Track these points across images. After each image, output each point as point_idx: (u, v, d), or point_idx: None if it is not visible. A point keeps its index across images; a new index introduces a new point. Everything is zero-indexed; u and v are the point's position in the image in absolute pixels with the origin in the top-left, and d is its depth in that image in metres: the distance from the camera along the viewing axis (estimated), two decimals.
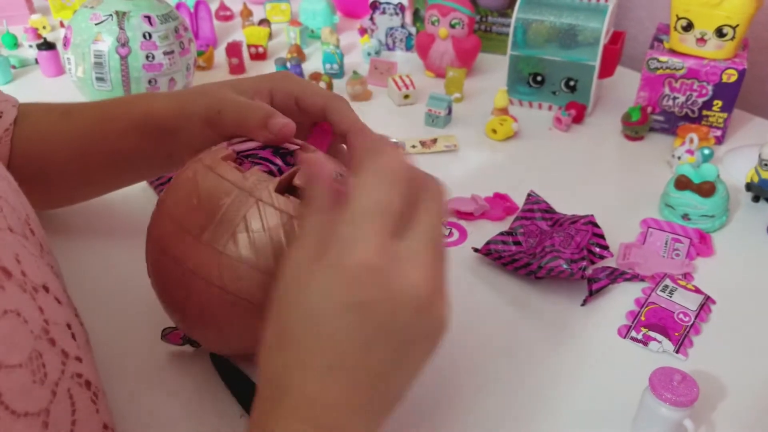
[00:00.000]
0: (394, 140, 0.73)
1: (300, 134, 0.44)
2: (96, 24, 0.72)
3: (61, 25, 1.03)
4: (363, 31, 0.98)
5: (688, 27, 0.68)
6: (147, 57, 0.73)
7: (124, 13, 0.73)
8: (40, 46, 0.91)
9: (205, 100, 0.44)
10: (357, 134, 0.42)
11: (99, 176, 0.51)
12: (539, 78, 0.79)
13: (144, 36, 0.73)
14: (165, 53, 0.74)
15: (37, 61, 0.93)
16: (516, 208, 0.62)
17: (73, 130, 0.47)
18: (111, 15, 0.72)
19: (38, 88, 0.91)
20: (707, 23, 0.67)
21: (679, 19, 0.68)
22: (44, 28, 1.05)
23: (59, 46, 0.92)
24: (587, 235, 0.55)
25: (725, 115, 0.70)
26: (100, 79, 0.74)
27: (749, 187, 0.62)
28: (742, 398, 0.44)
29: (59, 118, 0.49)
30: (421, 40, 0.87)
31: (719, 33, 0.67)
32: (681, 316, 0.50)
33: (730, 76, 0.68)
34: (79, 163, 0.48)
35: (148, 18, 0.73)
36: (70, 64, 0.75)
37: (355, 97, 0.83)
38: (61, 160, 0.44)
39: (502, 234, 0.57)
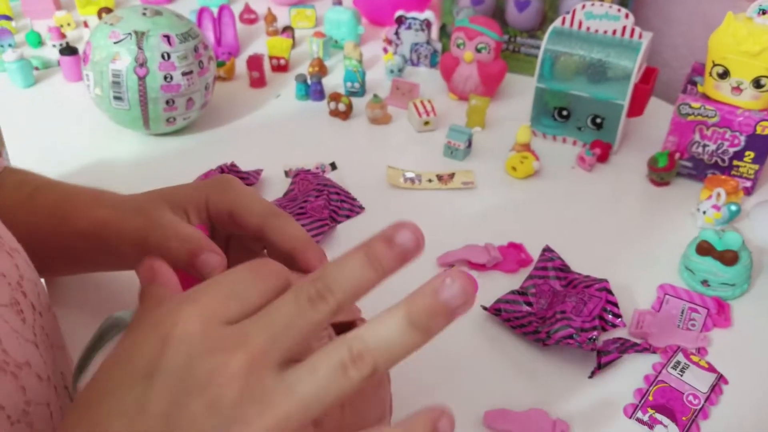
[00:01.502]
0: (410, 174, 0.72)
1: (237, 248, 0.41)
2: (115, 42, 0.72)
3: (85, 25, 1.02)
4: (387, 48, 0.95)
5: (724, 75, 0.65)
6: (165, 78, 0.72)
7: (143, 33, 0.72)
8: (62, 51, 0.91)
9: (137, 222, 0.40)
10: (307, 251, 0.37)
11: (62, 265, 0.48)
12: (565, 112, 0.76)
13: (162, 56, 0.72)
14: (183, 74, 0.73)
15: (59, 63, 0.93)
16: (530, 260, 0.61)
17: (34, 215, 0.45)
18: (130, 34, 0.72)
19: (59, 93, 0.91)
20: (745, 73, 0.63)
21: (715, 65, 0.65)
22: (68, 24, 1.05)
23: (82, 51, 0.92)
24: (600, 302, 0.54)
25: (756, 167, 0.68)
26: (117, 98, 0.73)
27: None
28: None
29: (26, 199, 0.46)
30: (446, 62, 0.85)
31: (756, 84, 0.63)
32: (690, 398, 0.49)
33: (765, 128, 0.65)
34: (40, 245, 0.44)
35: (167, 37, 0.72)
36: (89, 81, 0.75)
37: (375, 120, 0.82)
38: (23, 239, 0.43)
39: (513, 293, 0.56)
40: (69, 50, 0.91)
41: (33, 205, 0.45)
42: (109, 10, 1.04)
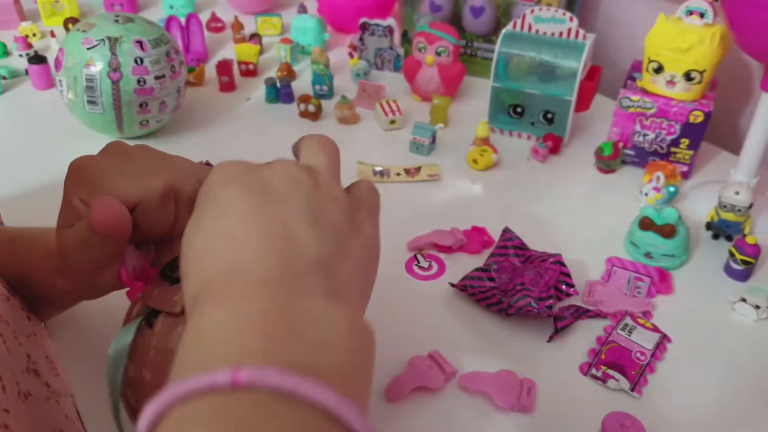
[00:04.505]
0: (379, 169, 0.76)
1: None
2: (88, 48, 0.74)
3: (52, 34, 1.04)
4: (352, 53, 1.00)
5: (659, 70, 0.72)
6: (138, 82, 0.75)
7: (116, 39, 0.74)
8: (31, 60, 0.92)
9: None
10: None
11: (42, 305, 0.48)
12: (519, 109, 0.82)
13: (135, 61, 0.75)
14: (156, 78, 0.76)
15: (27, 72, 0.95)
16: (492, 241, 0.66)
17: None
18: (103, 40, 0.74)
19: (29, 101, 0.93)
20: (676, 67, 0.70)
21: (650, 61, 0.72)
22: (34, 35, 1.07)
23: (51, 59, 0.94)
24: (555, 274, 0.59)
25: (692, 152, 0.75)
26: (91, 102, 0.76)
27: (709, 226, 0.66)
28: None
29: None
30: (409, 65, 0.90)
31: (687, 77, 0.70)
32: (638, 354, 0.54)
33: (697, 117, 0.72)
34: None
35: (140, 43, 0.75)
36: (62, 86, 0.77)
37: (343, 120, 0.86)
38: None
39: (477, 270, 0.61)
40: (37, 59, 0.92)
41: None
42: (75, 20, 1.06)
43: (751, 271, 0.62)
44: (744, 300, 0.59)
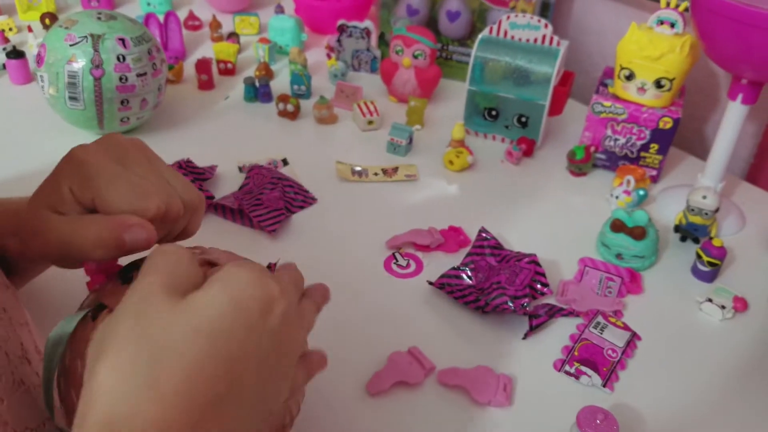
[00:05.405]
0: (358, 168, 0.77)
1: None
2: (71, 45, 0.74)
3: (29, 29, 1.02)
4: (330, 53, 1.01)
5: (630, 77, 0.74)
6: (120, 79, 0.75)
7: (99, 36, 0.74)
8: (9, 54, 0.91)
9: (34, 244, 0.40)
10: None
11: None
12: (494, 112, 0.84)
13: (118, 58, 0.75)
14: (138, 75, 0.76)
15: (5, 67, 0.93)
16: (468, 241, 0.68)
17: None
18: (86, 37, 0.74)
19: (6, 96, 0.91)
20: (647, 75, 0.73)
21: (622, 69, 0.74)
22: (11, 29, 1.05)
23: (28, 54, 0.93)
24: (530, 274, 0.61)
25: (660, 157, 0.77)
26: (73, 99, 0.75)
27: (677, 228, 0.69)
28: (660, 430, 0.51)
29: None
30: (386, 67, 0.91)
31: (658, 84, 0.73)
32: (610, 352, 0.56)
33: (666, 123, 0.75)
34: None
35: (123, 41, 0.75)
36: (43, 82, 0.76)
37: (322, 120, 0.87)
38: None
39: (454, 269, 0.63)
40: (15, 54, 0.91)
41: None
42: (52, 15, 1.05)
43: (717, 273, 0.65)
44: (710, 300, 0.61)
